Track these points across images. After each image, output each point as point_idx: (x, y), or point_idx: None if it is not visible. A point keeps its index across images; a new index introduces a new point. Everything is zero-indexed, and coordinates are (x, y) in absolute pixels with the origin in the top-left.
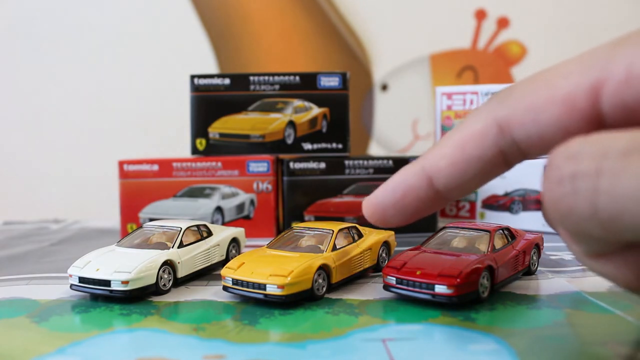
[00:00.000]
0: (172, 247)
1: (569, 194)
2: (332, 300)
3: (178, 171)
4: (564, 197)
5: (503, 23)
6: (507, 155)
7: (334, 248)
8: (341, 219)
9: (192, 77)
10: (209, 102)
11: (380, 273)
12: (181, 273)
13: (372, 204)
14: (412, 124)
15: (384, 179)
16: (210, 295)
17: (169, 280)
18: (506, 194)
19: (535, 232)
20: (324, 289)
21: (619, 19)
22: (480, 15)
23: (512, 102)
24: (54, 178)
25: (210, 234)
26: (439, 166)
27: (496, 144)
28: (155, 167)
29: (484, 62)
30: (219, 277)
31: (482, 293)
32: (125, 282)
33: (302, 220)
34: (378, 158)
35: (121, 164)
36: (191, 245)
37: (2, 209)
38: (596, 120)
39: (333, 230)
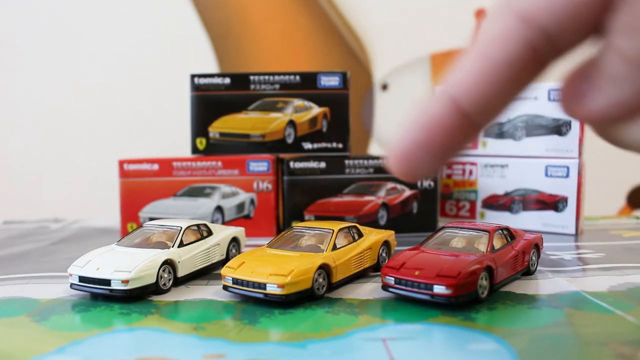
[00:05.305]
0: (172, 247)
1: None
2: (332, 299)
3: (178, 170)
4: None
5: None
6: (539, 50)
7: (334, 247)
8: (341, 219)
9: (193, 76)
10: (209, 102)
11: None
12: (181, 272)
13: (396, 152)
14: None
15: (384, 179)
16: (211, 294)
17: (169, 280)
18: (506, 194)
19: (535, 232)
20: (324, 288)
21: None
22: (481, 14)
23: None
24: (54, 178)
25: (210, 233)
26: (463, 83)
27: (525, 39)
28: (156, 167)
29: None
30: (219, 277)
31: (481, 293)
32: (126, 282)
33: (302, 220)
34: (378, 158)
35: (121, 163)
36: (191, 245)
37: (2, 208)
38: None
39: (333, 230)
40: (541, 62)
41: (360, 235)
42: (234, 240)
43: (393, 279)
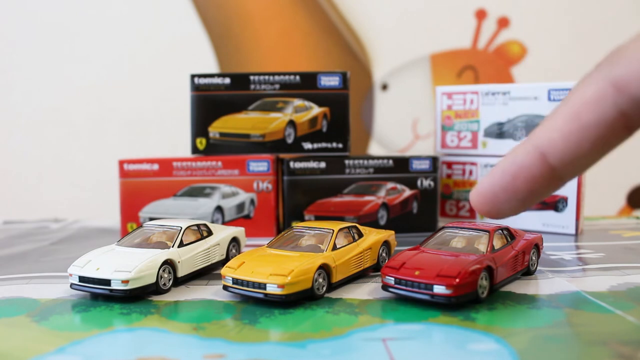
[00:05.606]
0: (172, 247)
1: None
2: (332, 299)
3: (178, 170)
4: None
5: (503, 23)
6: (628, 116)
7: (334, 247)
8: (341, 219)
9: (193, 76)
10: (209, 102)
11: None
12: (181, 272)
13: (480, 191)
14: (412, 124)
15: (384, 179)
16: (211, 294)
17: (169, 280)
18: None
19: (535, 232)
20: (324, 288)
21: (619, 18)
22: (481, 15)
23: (626, 60)
24: (54, 178)
25: (210, 233)
26: (553, 139)
27: (615, 105)
28: (156, 167)
29: (484, 61)
30: (219, 277)
31: (481, 294)
32: (126, 282)
33: (302, 220)
34: (378, 158)
35: (121, 163)
36: (191, 245)
37: (2, 208)
38: None
39: (333, 230)
40: (630, 127)
41: (360, 235)
42: (234, 240)
43: (393, 279)
